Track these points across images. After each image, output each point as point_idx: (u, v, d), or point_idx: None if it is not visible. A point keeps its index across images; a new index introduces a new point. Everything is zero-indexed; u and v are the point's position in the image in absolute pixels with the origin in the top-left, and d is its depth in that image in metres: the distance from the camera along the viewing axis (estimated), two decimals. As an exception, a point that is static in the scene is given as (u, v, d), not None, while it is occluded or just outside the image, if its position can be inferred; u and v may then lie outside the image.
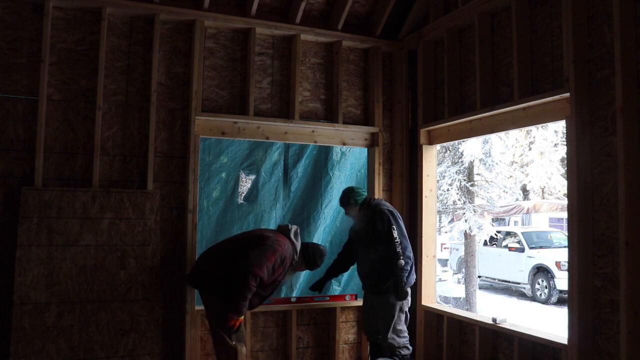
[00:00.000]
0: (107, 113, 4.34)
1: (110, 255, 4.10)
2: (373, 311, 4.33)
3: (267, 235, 4.00)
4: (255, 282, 3.74)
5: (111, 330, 4.01)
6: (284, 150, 5.43)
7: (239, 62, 4.80)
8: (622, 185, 3.13)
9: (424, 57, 5.09)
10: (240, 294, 3.73)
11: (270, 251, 3.83)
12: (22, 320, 3.79)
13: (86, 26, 4.32)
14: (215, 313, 3.89)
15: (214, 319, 3.91)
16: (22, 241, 3.89)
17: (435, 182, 5.23)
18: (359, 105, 5.27)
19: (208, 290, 3.95)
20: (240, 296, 3.73)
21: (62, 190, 4.07)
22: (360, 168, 5.61)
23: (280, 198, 5.39)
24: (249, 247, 3.86)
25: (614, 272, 3.26)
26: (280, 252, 3.89)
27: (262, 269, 3.76)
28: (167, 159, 4.49)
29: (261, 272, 3.75)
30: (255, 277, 3.73)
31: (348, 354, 5.00)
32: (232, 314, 3.76)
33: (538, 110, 3.89)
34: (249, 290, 3.73)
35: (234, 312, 3.76)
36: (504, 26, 4.29)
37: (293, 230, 4.12)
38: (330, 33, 5.03)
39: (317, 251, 4.23)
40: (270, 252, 3.83)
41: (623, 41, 3.18)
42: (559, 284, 11.37)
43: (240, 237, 4.21)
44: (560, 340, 3.62)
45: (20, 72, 4.12)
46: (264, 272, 3.77)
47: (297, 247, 4.09)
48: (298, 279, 5.42)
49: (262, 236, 3.97)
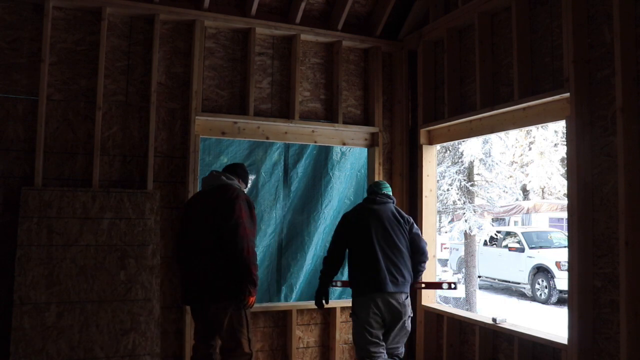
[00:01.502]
0: (107, 113, 4.34)
1: (110, 255, 4.10)
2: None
3: (222, 193, 3.54)
4: (253, 238, 3.43)
5: (111, 330, 4.01)
6: (284, 150, 5.43)
7: (239, 62, 4.80)
8: (622, 185, 3.13)
9: (424, 57, 5.09)
10: (244, 258, 3.33)
11: (237, 203, 3.44)
12: (22, 320, 3.79)
13: (86, 26, 4.32)
14: (228, 315, 3.44)
15: (225, 320, 3.45)
16: (22, 241, 3.89)
17: (435, 182, 5.23)
18: (359, 105, 5.27)
19: (219, 291, 3.43)
20: (247, 260, 3.34)
21: (62, 190, 4.07)
22: (360, 168, 5.61)
23: (280, 198, 5.39)
24: (219, 217, 3.43)
25: (614, 272, 3.26)
26: (242, 197, 3.52)
27: (245, 224, 3.39)
28: (167, 159, 4.49)
29: (248, 227, 3.40)
30: (247, 236, 3.37)
31: (348, 354, 4.99)
32: (251, 286, 3.35)
33: (538, 110, 3.89)
34: (250, 245, 3.36)
35: (252, 284, 3.35)
36: (504, 26, 4.29)
37: (219, 174, 3.69)
38: (330, 33, 5.03)
39: (241, 168, 3.86)
40: (236, 203, 3.43)
41: (623, 41, 3.18)
42: (559, 284, 11.37)
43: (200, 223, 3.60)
44: (560, 340, 3.62)
45: (20, 72, 4.12)
46: (249, 224, 3.43)
47: (234, 179, 3.70)
48: (298, 279, 5.42)
49: (224, 199, 3.49)
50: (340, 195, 5.59)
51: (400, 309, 3.76)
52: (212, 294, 3.41)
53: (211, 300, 3.43)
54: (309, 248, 5.44)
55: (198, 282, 3.48)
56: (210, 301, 3.44)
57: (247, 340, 3.47)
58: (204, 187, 3.74)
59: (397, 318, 3.78)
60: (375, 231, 3.85)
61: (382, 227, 3.87)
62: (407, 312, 3.82)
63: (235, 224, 3.36)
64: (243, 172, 3.86)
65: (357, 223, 3.94)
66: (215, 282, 3.41)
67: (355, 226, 3.94)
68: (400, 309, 3.76)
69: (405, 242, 3.91)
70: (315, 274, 5.54)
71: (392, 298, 3.74)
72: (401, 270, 3.80)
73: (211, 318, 3.47)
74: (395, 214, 3.99)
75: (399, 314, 3.77)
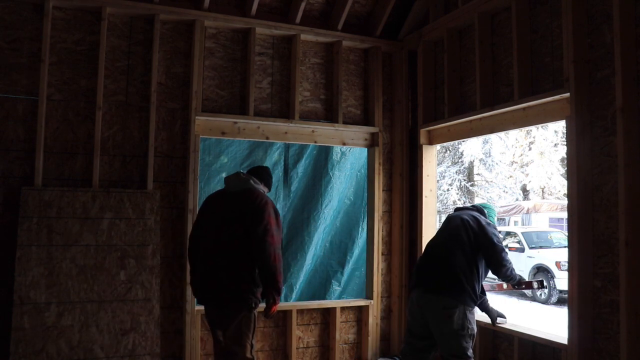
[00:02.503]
0: (107, 113, 4.34)
1: (110, 255, 4.10)
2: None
3: (252, 199, 3.50)
4: (279, 246, 3.41)
5: (111, 330, 4.01)
6: (284, 150, 5.43)
7: (239, 62, 4.80)
8: (622, 185, 3.13)
9: (424, 57, 5.09)
10: (271, 265, 3.32)
11: (266, 210, 3.43)
12: (22, 320, 3.79)
13: (86, 26, 4.32)
14: (238, 319, 3.42)
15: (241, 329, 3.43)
16: (22, 241, 3.89)
17: (435, 182, 5.23)
18: (359, 105, 5.27)
19: (235, 294, 3.40)
20: (273, 267, 3.32)
21: (62, 190, 4.07)
22: (360, 168, 5.62)
23: (280, 198, 5.39)
24: (248, 222, 3.41)
25: (614, 272, 3.26)
26: (271, 204, 3.51)
27: (273, 231, 3.40)
28: (167, 159, 4.49)
29: (275, 234, 3.41)
30: (275, 243, 3.37)
31: (348, 354, 5.00)
32: (276, 294, 3.36)
33: (538, 110, 3.89)
34: (277, 252, 3.35)
35: (277, 292, 3.36)
36: (504, 26, 4.29)
37: (247, 177, 3.64)
38: (330, 33, 5.03)
39: (266, 172, 3.82)
40: (265, 210, 3.43)
41: (623, 41, 3.18)
42: (559, 284, 11.36)
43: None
44: (560, 340, 3.62)
45: (20, 72, 4.12)
46: (276, 231, 3.43)
47: (260, 184, 3.68)
48: (298, 279, 5.43)
49: (251, 205, 3.47)
50: (340, 195, 5.59)
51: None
52: (228, 295, 3.40)
53: (227, 301, 3.42)
54: (309, 248, 5.44)
55: (214, 283, 3.44)
56: (225, 302, 3.43)
57: (250, 345, 3.43)
58: (227, 187, 3.65)
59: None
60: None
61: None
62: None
63: (263, 231, 3.35)
64: (268, 176, 3.81)
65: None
66: (232, 285, 3.38)
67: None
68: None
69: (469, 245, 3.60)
70: (315, 273, 5.56)
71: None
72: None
73: (223, 318, 3.47)
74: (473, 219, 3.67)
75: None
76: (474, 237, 3.59)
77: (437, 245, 3.73)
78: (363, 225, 5.51)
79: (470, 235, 3.60)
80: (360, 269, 5.52)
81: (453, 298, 3.45)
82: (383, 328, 5.17)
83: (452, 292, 3.46)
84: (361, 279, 5.47)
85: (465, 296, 3.47)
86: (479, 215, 3.76)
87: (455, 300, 3.44)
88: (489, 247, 3.58)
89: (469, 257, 3.55)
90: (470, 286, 3.49)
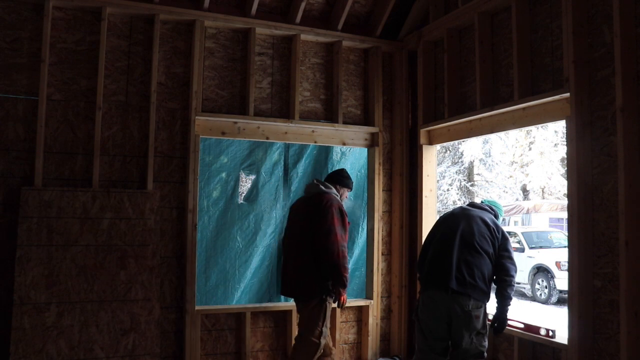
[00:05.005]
0: (107, 113, 4.34)
1: (110, 255, 4.10)
2: None
3: (318, 201, 3.94)
4: (344, 244, 3.81)
5: (111, 330, 4.01)
6: (284, 150, 5.43)
7: (239, 62, 4.80)
8: (622, 185, 3.13)
9: (424, 57, 5.09)
10: (334, 261, 3.72)
11: (330, 211, 3.84)
12: (22, 320, 3.79)
13: (86, 26, 4.32)
14: (310, 308, 3.88)
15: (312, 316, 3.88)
16: (22, 241, 3.89)
17: (435, 182, 5.24)
18: (359, 105, 5.27)
19: (307, 287, 3.89)
20: (336, 262, 3.73)
21: (62, 190, 4.07)
22: (360, 168, 5.61)
23: (280, 198, 5.38)
24: (314, 226, 3.85)
25: (614, 272, 3.26)
26: (336, 206, 3.90)
27: (336, 229, 3.79)
28: (167, 159, 4.49)
29: (339, 233, 3.80)
30: (339, 241, 3.77)
31: (348, 354, 5.00)
32: (341, 287, 3.80)
33: (538, 110, 3.89)
34: (340, 249, 3.75)
35: (342, 285, 3.79)
36: (504, 26, 4.29)
37: (318, 183, 4.12)
38: (330, 33, 5.03)
39: (340, 175, 4.26)
40: (329, 211, 3.83)
41: (623, 41, 3.18)
42: (559, 284, 11.36)
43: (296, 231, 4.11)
44: (560, 340, 3.62)
45: (20, 72, 4.12)
46: (340, 230, 3.82)
47: (331, 188, 4.11)
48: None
49: (318, 210, 3.91)
50: (340, 195, 5.59)
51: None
52: (301, 289, 3.92)
53: (301, 294, 3.94)
54: (309, 248, 5.43)
55: (291, 278, 3.98)
56: (300, 295, 3.96)
57: (318, 331, 3.85)
58: (305, 193, 4.22)
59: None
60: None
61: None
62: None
63: (327, 230, 3.78)
64: (342, 177, 4.25)
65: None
66: (302, 278, 3.87)
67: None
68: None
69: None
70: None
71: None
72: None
73: (299, 308, 4.01)
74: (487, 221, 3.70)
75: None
76: (497, 248, 3.62)
77: (458, 245, 3.58)
78: (363, 225, 5.51)
79: (496, 245, 3.61)
80: (360, 269, 5.52)
81: (479, 300, 3.51)
82: (383, 328, 5.17)
83: (477, 293, 3.50)
84: (361, 279, 5.47)
85: (486, 296, 3.57)
86: (497, 222, 3.77)
87: (481, 301, 3.52)
88: (508, 260, 3.62)
89: (490, 261, 3.58)
90: (489, 288, 3.60)
